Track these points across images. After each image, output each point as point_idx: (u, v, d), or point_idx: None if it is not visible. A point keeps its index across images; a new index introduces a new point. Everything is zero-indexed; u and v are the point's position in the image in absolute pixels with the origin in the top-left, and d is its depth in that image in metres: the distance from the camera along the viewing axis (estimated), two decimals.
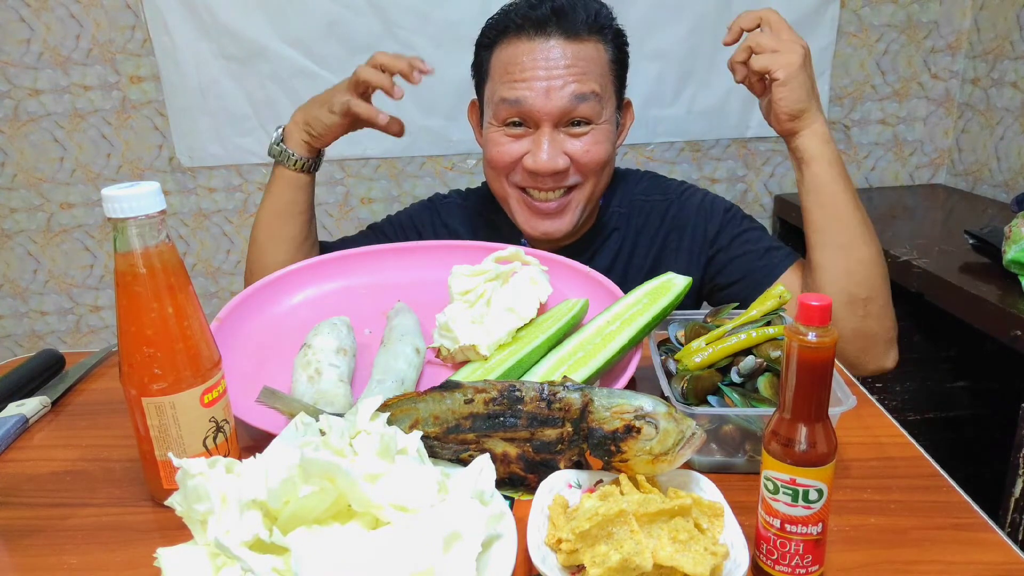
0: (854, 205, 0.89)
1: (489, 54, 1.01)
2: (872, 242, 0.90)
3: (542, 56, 0.94)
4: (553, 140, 0.96)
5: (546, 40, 0.95)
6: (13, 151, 1.98)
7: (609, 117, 1.00)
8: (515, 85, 0.95)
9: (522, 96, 0.95)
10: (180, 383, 0.56)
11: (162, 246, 0.56)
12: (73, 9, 1.86)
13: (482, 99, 1.06)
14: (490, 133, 1.01)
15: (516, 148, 0.98)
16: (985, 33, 1.89)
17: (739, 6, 1.88)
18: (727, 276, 1.03)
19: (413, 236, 1.14)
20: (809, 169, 0.89)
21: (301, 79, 1.91)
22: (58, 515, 0.61)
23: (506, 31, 0.97)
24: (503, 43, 0.98)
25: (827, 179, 0.88)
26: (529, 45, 0.95)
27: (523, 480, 0.59)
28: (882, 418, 0.72)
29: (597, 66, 0.97)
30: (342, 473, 0.46)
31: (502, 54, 0.98)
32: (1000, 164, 1.87)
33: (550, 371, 0.70)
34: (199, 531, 0.48)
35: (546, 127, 0.96)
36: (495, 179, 1.03)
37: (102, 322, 2.16)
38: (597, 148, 0.98)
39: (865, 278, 0.88)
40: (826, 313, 0.46)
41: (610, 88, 1.00)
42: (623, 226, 1.10)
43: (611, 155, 1.02)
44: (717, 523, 0.51)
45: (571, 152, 0.97)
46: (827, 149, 0.88)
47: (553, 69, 0.94)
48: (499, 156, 1.00)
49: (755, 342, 0.67)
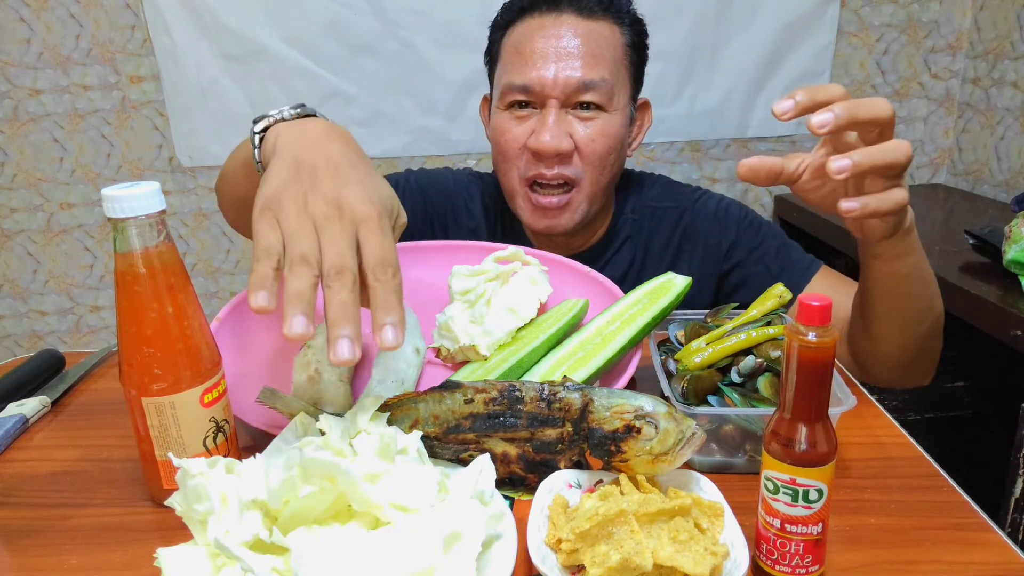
0: (926, 294, 0.79)
1: (501, 35, 0.98)
2: (934, 313, 0.81)
3: (553, 33, 0.92)
4: (559, 120, 0.93)
5: (558, 16, 0.92)
6: (13, 151, 1.98)
7: (621, 107, 0.96)
8: (524, 66, 0.93)
9: (530, 77, 0.92)
10: (180, 383, 0.56)
11: (162, 246, 0.56)
12: (73, 9, 1.87)
13: (493, 86, 1.03)
14: (496, 119, 0.98)
15: (522, 131, 0.95)
16: (985, 33, 1.89)
17: (739, 6, 1.88)
18: (745, 294, 1.00)
19: (462, 212, 1.09)
20: (886, 267, 0.75)
21: (301, 79, 1.91)
22: (58, 515, 0.61)
23: (520, 11, 0.96)
24: (516, 23, 0.96)
25: (902, 278, 0.76)
26: (540, 22, 0.93)
27: (523, 480, 0.59)
28: (882, 418, 0.72)
29: (610, 48, 0.94)
30: (342, 473, 0.46)
31: (513, 34, 0.96)
32: (1000, 164, 1.87)
33: (550, 371, 0.69)
34: (199, 531, 0.48)
35: (552, 106, 0.93)
36: (505, 172, 1.00)
37: (102, 322, 2.16)
38: (604, 138, 0.94)
39: (920, 343, 0.82)
40: (826, 313, 0.46)
41: (623, 75, 0.96)
42: (636, 234, 1.07)
43: (618, 150, 0.97)
44: (717, 523, 0.51)
45: (577, 137, 0.94)
46: (913, 258, 0.74)
47: (563, 49, 0.91)
48: (506, 144, 0.96)
49: (755, 342, 0.67)
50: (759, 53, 1.93)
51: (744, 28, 1.91)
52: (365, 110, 1.96)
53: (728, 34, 1.91)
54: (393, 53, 1.90)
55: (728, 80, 1.94)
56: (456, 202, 1.10)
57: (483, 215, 1.10)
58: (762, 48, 1.92)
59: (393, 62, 1.91)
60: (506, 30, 0.97)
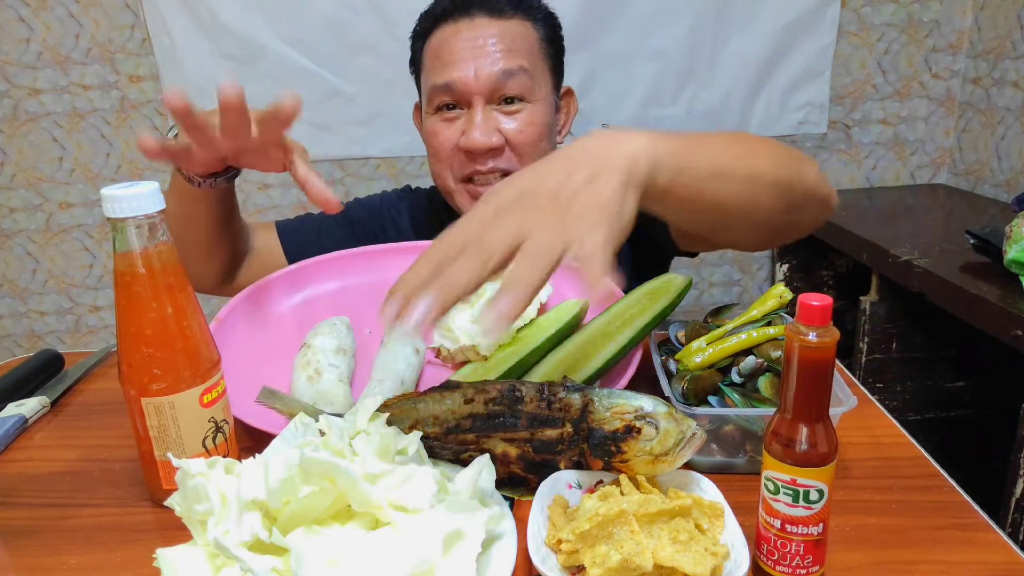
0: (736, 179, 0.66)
1: (422, 44, 1.02)
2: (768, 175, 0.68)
3: (468, 36, 0.96)
4: (486, 117, 0.96)
5: (470, 20, 0.96)
6: (12, 151, 1.98)
7: (544, 97, 1.00)
8: (445, 68, 0.96)
9: (452, 78, 0.96)
10: (179, 383, 0.56)
11: (161, 246, 0.56)
12: (72, 9, 1.86)
13: (421, 94, 1.07)
14: (427, 123, 1.01)
15: (452, 132, 0.98)
16: (986, 32, 1.89)
17: (739, 6, 1.88)
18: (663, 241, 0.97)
19: (390, 227, 1.13)
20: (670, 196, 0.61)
21: (301, 79, 1.91)
22: (57, 515, 0.61)
23: (435, 19, 1.00)
24: (433, 32, 1.00)
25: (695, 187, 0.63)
26: (455, 27, 0.97)
27: (523, 480, 0.59)
28: (882, 418, 0.72)
29: (525, 43, 0.98)
30: (342, 473, 0.46)
31: (432, 41, 1.00)
32: (1001, 164, 1.87)
33: (550, 371, 0.69)
34: (199, 531, 0.48)
35: (478, 105, 0.96)
36: (439, 172, 1.03)
37: (101, 322, 2.16)
38: (531, 128, 0.98)
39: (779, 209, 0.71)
40: (827, 313, 0.46)
41: (542, 66, 1.00)
42: None
43: (547, 136, 1.01)
44: (717, 523, 0.51)
45: (505, 131, 0.97)
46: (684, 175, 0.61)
47: (479, 48, 0.95)
48: (439, 145, 0.99)
49: (755, 342, 0.67)
50: (759, 53, 1.93)
51: (744, 28, 1.90)
52: (365, 110, 1.96)
53: (728, 34, 1.91)
54: (393, 53, 1.89)
55: (728, 80, 1.94)
56: (383, 220, 1.14)
57: (411, 230, 1.13)
58: (762, 48, 1.92)
59: (393, 62, 1.90)
60: (426, 39, 1.02)
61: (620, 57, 1.92)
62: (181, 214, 0.87)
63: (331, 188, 0.75)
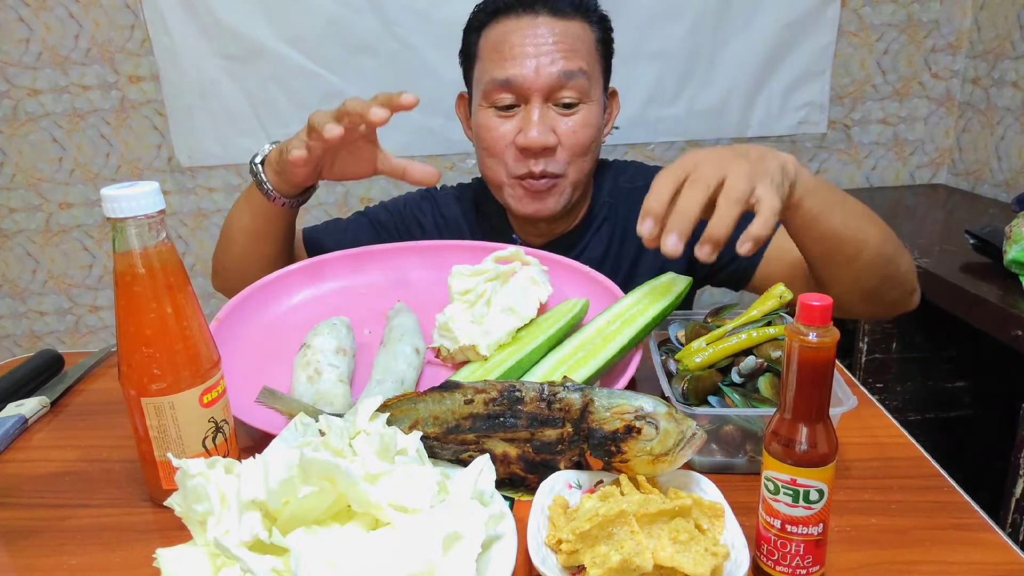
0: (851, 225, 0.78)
1: (478, 36, 1.02)
2: (875, 237, 0.80)
3: (531, 33, 0.96)
4: (543, 115, 0.97)
5: (534, 17, 0.96)
6: (12, 151, 1.98)
7: (597, 98, 1.01)
8: (505, 63, 0.96)
9: (512, 74, 0.96)
10: (179, 383, 0.56)
11: (161, 246, 0.56)
12: (72, 9, 1.86)
13: (470, 85, 1.07)
14: (480, 116, 1.01)
15: (508, 128, 0.99)
16: (986, 32, 1.89)
17: (739, 6, 1.88)
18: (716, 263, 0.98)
19: (414, 227, 1.13)
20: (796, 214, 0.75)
21: (301, 79, 1.91)
22: (57, 515, 0.61)
23: (495, 12, 0.99)
24: (492, 24, 1.00)
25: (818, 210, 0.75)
26: (517, 23, 0.97)
27: (523, 480, 0.59)
28: (882, 418, 0.72)
29: (584, 44, 0.98)
30: (342, 473, 0.46)
31: (491, 35, 0.99)
32: (1001, 164, 1.87)
33: (550, 371, 0.69)
34: (198, 531, 0.48)
35: (536, 102, 0.96)
36: (491, 166, 1.03)
37: (101, 322, 2.16)
38: (585, 129, 0.98)
39: (875, 271, 0.81)
40: (827, 313, 0.46)
41: (597, 68, 1.01)
42: (612, 215, 1.11)
43: (596, 138, 1.02)
44: (717, 524, 0.51)
45: (560, 131, 0.98)
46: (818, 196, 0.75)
47: (542, 45, 0.95)
48: (493, 141, 1.00)
49: (756, 342, 0.67)
50: (759, 53, 1.92)
51: (744, 28, 1.90)
52: None
53: (728, 34, 1.91)
54: (393, 53, 1.89)
55: (728, 80, 1.94)
56: (407, 222, 1.15)
57: (434, 229, 1.14)
58: (762, 48, 1.92)
59: (393, 62, 1.90)
60: (481, 31, 1.02)
61: (620, 57, 1.91)
62: (254, 230, 0.95)
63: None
